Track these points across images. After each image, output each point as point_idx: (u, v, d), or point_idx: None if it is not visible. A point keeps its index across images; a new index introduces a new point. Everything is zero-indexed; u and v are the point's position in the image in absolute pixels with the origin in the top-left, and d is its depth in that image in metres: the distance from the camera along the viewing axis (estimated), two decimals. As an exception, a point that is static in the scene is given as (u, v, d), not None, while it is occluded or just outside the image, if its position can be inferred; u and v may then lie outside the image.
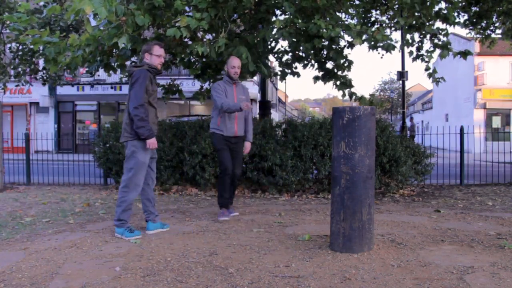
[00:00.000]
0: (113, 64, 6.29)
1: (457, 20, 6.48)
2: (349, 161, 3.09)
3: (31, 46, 5.37)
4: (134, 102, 3.63)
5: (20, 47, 10.09)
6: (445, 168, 9.33)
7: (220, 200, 4.57)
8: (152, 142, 3.70)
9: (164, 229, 3.98)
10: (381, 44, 5.65)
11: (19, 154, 10.60)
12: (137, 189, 3.75)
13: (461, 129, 7.87)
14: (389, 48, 5.67)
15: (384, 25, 8.24)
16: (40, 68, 11.26)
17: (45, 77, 11.80)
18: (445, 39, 6.47)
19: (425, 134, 23.67)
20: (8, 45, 10.44)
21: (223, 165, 4.47)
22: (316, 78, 6.77)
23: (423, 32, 6.59)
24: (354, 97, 6.65)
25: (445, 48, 6.36)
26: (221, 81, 4.61)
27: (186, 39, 5.61)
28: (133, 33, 5.18)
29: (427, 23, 6.24)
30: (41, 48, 5.87)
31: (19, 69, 10.81)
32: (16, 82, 11.39)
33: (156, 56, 3.80)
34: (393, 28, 8.64)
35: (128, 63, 6.19)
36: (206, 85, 7.67)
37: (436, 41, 6.54)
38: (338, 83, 6.50)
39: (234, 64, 4.55)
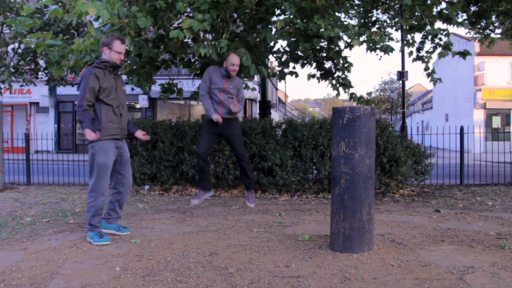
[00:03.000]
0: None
1: (458, 20, 6.49)
2: (349, 161, 3.09)
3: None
4: (77, 103, 3.48)
5: (22, 47, 10.09)
6: (445, 168, 9.34)
7: (199, 183, 4.81)
8: (88, 133, 3.36)
9: (119, 233, 3.79)
10: (379, 46, 5.66)
11: (19, 154, 10.60)
12: (104, 193, 3.55)
13: (461, 129, 7.87)
14: (387, 50, 5.67)
15: (385, 24, 8.24)
16: (42, 68, 11.25)
17: (48, 77, 11.80)
18: (446, 39, 6.48)
19: (425, 134, 23.69)
20: (11, 46, 10.43)
21: (198, 147, 4.64)
22: (311, 76, 6.78)
23: (425, 32, 6.60)
24: (353, 97, 6.67)
25: (446, 48, 6.37)
26: (217, 68, 4.67)
27: (187, 39, 5.63)
28: (135, 36, 5.20)
29: (428, 24, 6.24)
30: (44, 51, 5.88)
31: (21, 68, 10.81)
32: (19, 82, 11.39)
33: (116, 52, 3.55)
34: (394, 28, 8.66)
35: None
36: None
37: (437, 41, 6.55)
38: (334, 82, 6.51)
39: (234, 61, 4.55)
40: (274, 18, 6.44)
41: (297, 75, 6.96)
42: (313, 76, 6.76)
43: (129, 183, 3.81)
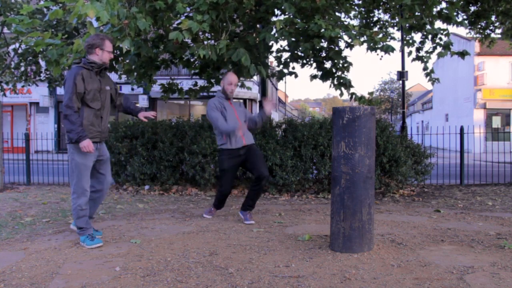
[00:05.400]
0: (114, 65, 6.30)
1: (458, 20, 6.49)
2: (349, 161, 3.09)
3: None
4: (64, 102, 3.42)
5: (23, 47, 10.09)
6: (445, 168, 9.34)
7: (215, 203, 4.63)
8: (85, 145, 3.35)
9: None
10: (380, 46, 5.65)
11: (19, 154, 10.61)
12: (85, 193, 3.48)
13: (461, 129, 7.87)
14: (388, 49, 5.67)
15: (386, 24, 8.23)
16: (43, 69, 11.26)
17: (49, 78, 11.79)
18: (446, 39, 6.49)
19: (425, 134, 23.69)
20: (12, 46, 10.43)
21: (223, 186, 4.38)
22: (313, 77, 6.79)
23: (425, 32, 6.60)
24: (354, 97, 6.67)
25: (446, 48, 6.37)
26: (215, 98, 4.37)
27: (186, 39, 5.63)
28: (136, 37, 5.19)
29: (428, 24, 6.24)
30: (43, 49, 5.88)
31: (21, 69, 10.82)
32: (22, 83, 11.40)
33: (108, 52, 3.51)
34: (395, 28, 8.66)
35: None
36: (200, 83, 7.63)
37: (437, 41, 6.55)
38: (336, 82, 6.51)
39: (232, 81, 4.30)
40: (274, 18, 6.44)
41: (296, 75, 6.96)
42: (315, 76, 6.77)
43: (108, 183, 3.75)
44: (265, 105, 4.38)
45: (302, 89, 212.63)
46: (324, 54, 6.62)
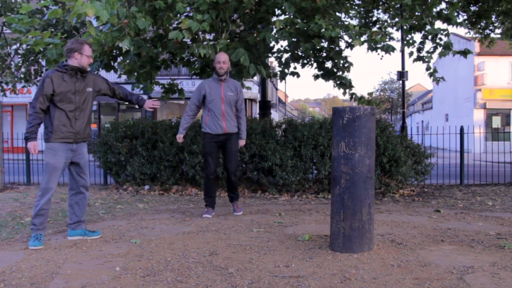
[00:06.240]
0: (113, 64, 6.30)
1: (458, 20, 6.49)
2: (349, 161, 3.09)
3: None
4: (31, 103, 3.54)
5: (24, 47, 10.10)
6: (445, 168, 9.34)
7: (205, 201, 4.81)
8: (29, 146, 3.45)
9: (87, 237, 3.69)
10: (380, 46, 5.66)
11: (19, 154, 10.60)
12: (49, 192, 3.48)
13: (461, 129, 7.87)
14: (388, 49, 5.67)
15: (386, 24, 8.23)
16: (44, 69, 11.26)
17: None
18: (446, 39, 6.49)
19: (425, 134, 23.70)
20: (14, 46, 10.43)
21: (206, 169, 4.74)
22: (316, 77, 6.80)
23: (425, 32, 6.61)
24: (354, 97, 6.67)
25: (447, 48, 6.38)
26: (208, 80, 4.71)
27: (186, 39, 5.63)
28: (135, 37, 5.19)
29: (428, 24, 6.25)
30: (42, 49, 5.89)
31: (22, 69, 10.83)
32: (22, 83, 11.41)
33: (86, 56, 3.59)
34: (394, 28, 8.67)
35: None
36: None
37: (438, 41, 6.56)
38: (338, 82, 6.53)
39: (219, 59, 4.58)
40: (274, 18, 6.44)
41: (298, 76, 6.97)
42: (318, 76, 6.78)
43: (87, 186, 3.80)
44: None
45: (302, 89, 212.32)
46: (324, 54, 6.62)
